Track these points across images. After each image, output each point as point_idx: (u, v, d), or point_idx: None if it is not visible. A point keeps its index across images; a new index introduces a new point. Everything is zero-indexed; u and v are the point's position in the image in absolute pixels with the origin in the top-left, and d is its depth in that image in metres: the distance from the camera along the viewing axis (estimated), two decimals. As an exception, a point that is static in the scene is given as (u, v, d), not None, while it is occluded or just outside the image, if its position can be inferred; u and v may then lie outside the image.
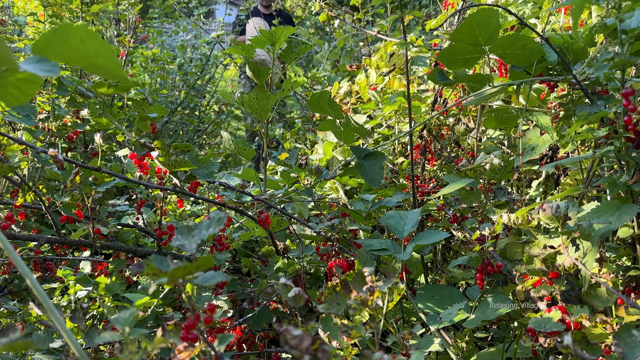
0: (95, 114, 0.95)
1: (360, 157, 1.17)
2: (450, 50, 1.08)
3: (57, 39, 0.48)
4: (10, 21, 3.68)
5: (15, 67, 0.48)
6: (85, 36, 0.48)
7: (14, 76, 0.51)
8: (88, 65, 0.51)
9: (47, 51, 0.49)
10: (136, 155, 0.87)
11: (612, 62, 0.73)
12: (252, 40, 1.17)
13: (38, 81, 0.54)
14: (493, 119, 1.22)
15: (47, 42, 0.48)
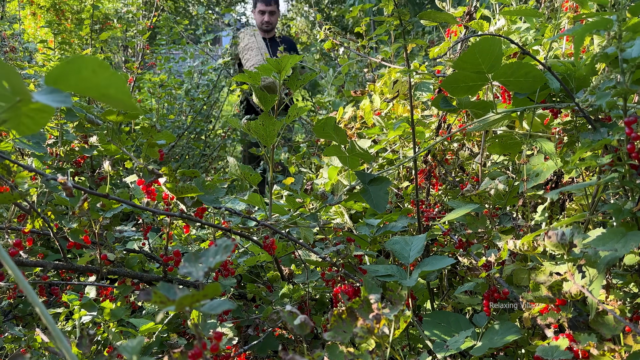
0: (104, 141, 0.97)
1: (365, 182, 1.18)
2: (453, 77, 1.09)
3: (69, 70, 0.50)
4: (21, 48, 3.75)
5: (29, 97, 0.49)
6: (97, 67, 0.50)
7: (27, 106, 0.53)
8: (99, 95, 0.53)
9: (60, 82, 0.50)
10: (144, 181, 0.89)
11: (614, 91, 0.74)
12: (258, 68, 1.19)
13: (50, 111, 0.55)
14: (497, 144, 1.23)
15: (60, 73, 0.50)
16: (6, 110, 0.52)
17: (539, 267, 0.96)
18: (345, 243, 1.19)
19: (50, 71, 0.51)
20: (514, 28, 1.36)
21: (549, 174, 1.01)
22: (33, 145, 0.87)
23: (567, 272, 0.84)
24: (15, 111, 0.53)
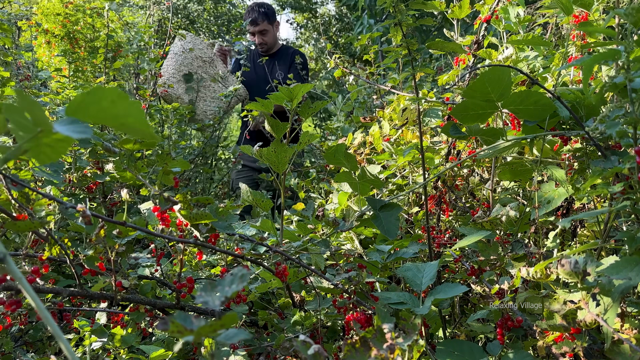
0: (120, 169, 0.98)
1: (376, 208, 1.18)
2: (463, 106, 1.11)
3: (89, 100, 0.51)
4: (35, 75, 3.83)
5: (50, 128, 0.51)
6: (116, 98, 0.51)
7: (48, 137, 0.54)
8: (118, 125, 0.54)
9: (80, 112, 0.52)
10: (160, 209, 0.90)
11: (624, 120, 0.75)
12: (271, 96, 1.21)
13: (70, 141, 0.56)
14: (508, 171, 1.24)
15: (80, 104, 0.51)
16: (28, 141, 0.53)
17: (553, 295, 0.96)
18: (357, 270, 1.19)
19: (71, 102, 0.52)
20: (522, 56, 1.38)
21: (560, 201, 1.02)
22: (51, 173, 0.89)
23: (581, 300, 0.84)
24: (36, 141, 0.54)
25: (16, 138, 0.54)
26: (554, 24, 1.94)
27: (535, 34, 1.87)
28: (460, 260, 1.31)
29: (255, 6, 3.62)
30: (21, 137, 0.52)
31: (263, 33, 3.60)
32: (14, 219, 0.82)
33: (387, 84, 1.63)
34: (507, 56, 1.33)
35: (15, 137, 0.55)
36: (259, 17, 3.55)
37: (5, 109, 0.51)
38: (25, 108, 0.51)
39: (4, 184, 0.78)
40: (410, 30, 1.37)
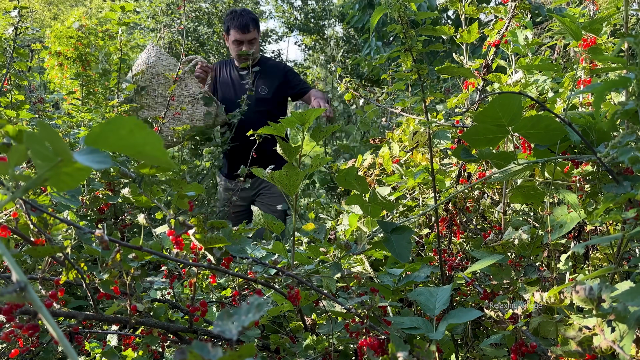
0: (135, 192, 1.00)
1: (387, 231, 1.19)
2: (474, 130, 1.12)
3: (108, 130, 0.52)
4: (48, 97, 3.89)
5: (70, 158, 0.52)
6: (134, 127, 0.52)
7: (67, 166, 0.55)
8: (136, 153, 0.55)
9: (99, 142, 0.53)
10: (174, 232, 0.91)
11: (636, 146, 0.75)
12: (283, 120, 1.22)
13: (88, 170, 0.58)
14: (519, 194, 1.24)
15: (99, 134, 0.52)
16: (48, 170, 0.55)
17: (567, 320, 0.95)
18: (369, 293, 1.19)
19: (90, 132, 0.53)
20: (532, 80, 1.39)
21: (572, 225, 1.02)
22: (69, 198, 0.90)
23: (597, 326, 0.83)
24: (56, 170, 0.55)
25: (36, 166, 0.55)
26: (561, 46, 1.95)
27: (544, 56, 1.89)
28: (473, 283, 1.31)
29: (243, 12, 3.14)
30: (40, 165, 0.54)
31: (252, 42, 3.12)
32: (32, 243, 0.83)
33: (397, 107, 1.65)
34: (517, 80, 1.34)
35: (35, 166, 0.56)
36: (250, 24, 3.07)
37: (27, 139, 0.53)
38: (46, 138, 0.52)
39: (23, 210, 0.79)
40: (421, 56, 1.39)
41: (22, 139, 0.70)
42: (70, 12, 12.12)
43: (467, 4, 1.40)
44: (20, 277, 0.41)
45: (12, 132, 0.66)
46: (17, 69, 2.50)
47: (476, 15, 1.41)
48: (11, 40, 2.41)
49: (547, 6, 5.79)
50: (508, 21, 1.32)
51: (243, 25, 3.05)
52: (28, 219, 0.79)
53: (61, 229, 0.87)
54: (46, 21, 14.46)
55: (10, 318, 0.70)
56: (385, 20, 5.57)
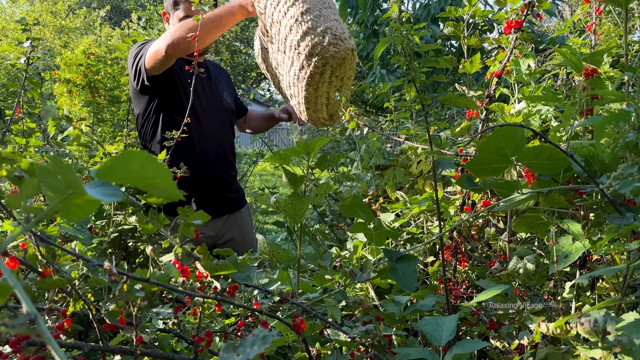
0: (142, 221, 1.01)
1: (392, 260, 1.19)
2: (477, 160, 1.13)
3: (119, 163, 0.54)
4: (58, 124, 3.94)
5: (81, 191, 0.53)
6: (145, 161, 0.54)
7: (78, 199, 0.56)
8: (146, 186, 0.57)
9: (110, 175, 0.54)
10: (182, 263, 0.92)
11: (637, 178, 0.76)
12: (288, 150, 1.24)
13: (99, 201, 0.59)
14: (523, 223, 1.24)
15: (110, 167, 0.54)
16: (60, 202, 0.56)
17: (573, 351, 0.94)
18: (374, 322, 1.19)
19: (101, 166, 0.55)
20: (535, 110, 1.41)
21: (577, 256, 1.02)
22: (77, 229, 0.92)
23: (602, 358, 0.83)
24: (68, 202, 0.57)
25: (47, 198, 0.57)
26: (564, 74, 1.98)
27: (546, 84, 1.91)
28: (479, 313, 1.30)
29: None
30: (51, 197, 0.55)
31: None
32: (40, 274, 0.84)
33: (401, 135, 1.66)
34: (519, 110, 1.36)
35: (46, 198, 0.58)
36: None
37: (39, 172, 0.54)
38: (59, 172, 0.54)
39: (32, 241, 0.80)
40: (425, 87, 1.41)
41: (34, 173, 0.72)
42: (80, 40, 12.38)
43: (470, 36, 1.43)
44: (31, 309, 0.42)
45: (24, 166, 0.67)
46: (30, 97, 2.55)
47: (478, 46, 1.44)
48: (23, 69, 2.46)
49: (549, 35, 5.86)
50: (510, 52, 1.34)
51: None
52: (37, 250, 0.80)
53: (69, 259, 0.89)
54: (56, 49, 14.76)
55: (16, 349, 0.70)
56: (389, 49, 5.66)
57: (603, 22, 2.16)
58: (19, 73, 2.59)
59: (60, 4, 16.12)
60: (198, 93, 2.20)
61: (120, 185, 0.58)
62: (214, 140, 2.20)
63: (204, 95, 2.26)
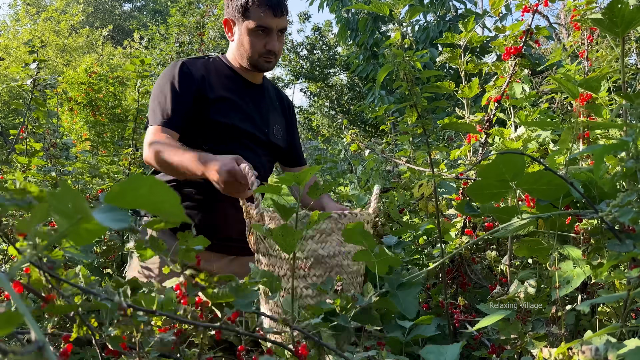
0: (141, 247, 1.02)
1: (393, 287, 1.19)
2: (478, 185, 1.14)
3: (128, 188, 0.55)
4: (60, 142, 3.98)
5: (89, 216, 0.54)
6: (153, 185, 0.55)
7: (86, 223, 0.57)
8: (154, 210, 0.57)
9: (119, 200, 0.55)
10: (179, 287, 0.92)
11: (636, 206, 0.77)
12: (279, 179, 1.19)
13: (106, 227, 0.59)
14: (524, 247, 1.24)
15: (119, 192, 0.55)
16: (69, 227, 0.57)
17: (576, 378, 0.94)
18: (376, 347, 1.18)
19: (110, 191, 0.56)
20: (534, 135, 1.42)
21: (579, 282, 1.02)
22: (81, 253, 0.92)
23: (606, 386, 0.83)
24: (76, 227, 0.58)
25: (56, 223, 0.58)
26: (561, 98, 2.00)
27: (542, 108, 1.93)
28: (481, 337, 1.30)
29: None
30: (60, 222, 0.56)
31: (282, 36, 1.84)
32: (44, 299, 0.85)
33: (401, 158, 1.68)
34: (519, 135, 1.37)
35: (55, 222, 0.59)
36: (283, 4, 1.81)
37: (49, 197, 0.55)
38: (69, 199, 0.55)
39: (38, 268, 0.81)
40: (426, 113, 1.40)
41: (43, 199, 0.73)
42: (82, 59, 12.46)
43: (466, 61, 1.45)
44: (40, 336, 0.43)
45: (35, 192, 0.68)
46: (34, 117, 2.57)
47: (475, 71, 1.46)
48: (29, 91, 2.49)
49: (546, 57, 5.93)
50: (509, 78, 1.36)
51: (276, 4, 1.76)
52: (42, 275, 0.81)
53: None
54: (59, 67, 14.89)
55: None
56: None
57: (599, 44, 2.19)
58: (23, 93, 2.62)
59: (63, 23, 16.32)
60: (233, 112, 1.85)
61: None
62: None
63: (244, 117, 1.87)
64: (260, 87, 1.98)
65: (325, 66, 13.92)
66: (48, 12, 16.40)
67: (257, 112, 1.91)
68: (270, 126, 1.95)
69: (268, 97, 2.01)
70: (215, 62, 1.92)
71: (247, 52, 1.83)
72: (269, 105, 1.99)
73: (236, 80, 1.91)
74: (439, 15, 7.27)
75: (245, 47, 1.83)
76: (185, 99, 1.76)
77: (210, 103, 1.79)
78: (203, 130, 1.79)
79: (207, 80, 1.82)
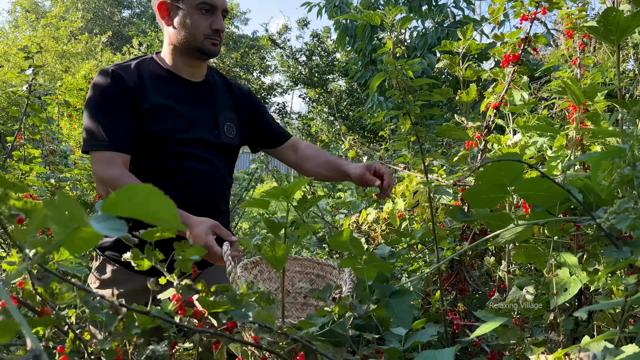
0: (138, 257, 1.01)
1: (386, 295, 1.18)
2: (475, 189, 1.14)
3: (124, 197, 0.55)
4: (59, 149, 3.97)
5: (86, 225, 0.54)
6: (149, 194, 0.55)
7: (82, 232, 0.57)
8: (150, 219, 0.57)
9: (115, 208, 0.55)
10: (177, 296, 0.92)
11: (634, 215, 0.77)
12: (266, 193, 1.17)
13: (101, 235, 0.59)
14: (522, 253, 1.24)
15: (116, 201, 0.54)
16: (66, 236, 0.56)
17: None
18: (374, 355, 1.18)
19: (106, 200, 0.55)
20: (531, 141, 1.42)
21: (577, 289, 1.02)
22: (75, 266, 0.92)
23: (604, 394, 0.82)
24: (72, 236, 0.57)
25: (53, 232, 0.57)
26: (559, 104, 2.00)
27: (541, 114, 1.93)
28: (480, 343, 1.30)
29: None
30: (57, 231, 0.56)
31: (224, 15, 1.70)
32: (37, 313, 0.84)
33: (400, 165, 1.68)
34: (516, 142, 1.37)
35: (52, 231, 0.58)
36: None
37: (46, 206, 0.55)
38: (66, 207, 0.54)
39: (29, 280, 0.80)
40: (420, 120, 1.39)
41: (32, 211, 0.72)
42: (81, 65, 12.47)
43: (465, 68, 1.46)
44: (36, 345, 0.42)
45: (20, 205, 0.68)
46: (31, 124, 2.57)
47: (473, 78, 1.46)
48: (25, 96, 2.49)
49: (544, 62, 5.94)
50: (507, 85, 1.36)
51: None
52: (33, 289, 0.80)
53: (67, 298, 0.88)
54: (58, 74, 14.91)
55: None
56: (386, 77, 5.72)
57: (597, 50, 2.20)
58: (19, 99, 2.62)
59: (62, 29, 16.36)
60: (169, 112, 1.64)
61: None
62: (197, 184, 1.66)
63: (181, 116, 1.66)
64: (203, 85, 1.76)
65: (324, 72, 13.95)
66: (47, 18, 16.45)
67: (202, 114, 1.70)
68: (220, 125, 1.74)
69: (214, 94, 1.78)
70: (148, 64, 1.69)
71: (191, 34, 1.62)
72: (217, 102, 1.77)
73: (173, 83, 1.69)
74: (437, 22, 7.30)
75: (189, 28, 1.62)
76: (126, 114, 1.56)
77: (145, 114, 1.58)
78: (142, 146, 1.58)
79: (141, 88, 1.60)
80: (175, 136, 1.61)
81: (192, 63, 1.70)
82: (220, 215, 1.71)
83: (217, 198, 1.73)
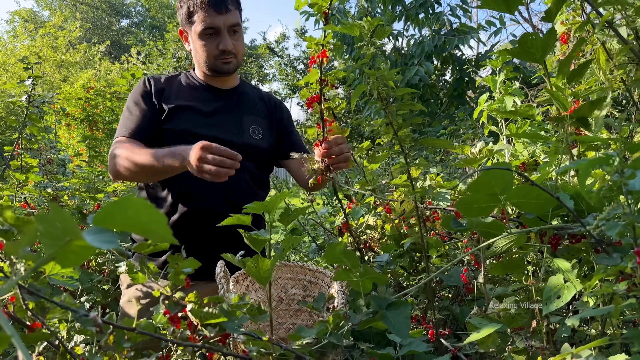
0: (132, 270, 1.01)
1: (382, 307, 1.17)
2: (467, 199, 1.14)
3: (116, 210, 0.55)
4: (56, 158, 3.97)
5: (79, 238, 0.54)
6: (141, 207, 0.55)
7: (75, 244, 0.57)
8: (142, 231, 0.57)
9: (107, 221, 0.55)
10: (170, 312, 0.92)
11: (623, 223, 0.77)
12: (247, 208, 1.14)
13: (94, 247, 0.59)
14: (499, 265, 1.22)
15: (107, 214, 0.55)
16: (58, 249, 0.56)
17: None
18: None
19: (98, 212, 0.55)
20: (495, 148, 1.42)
21: (570, 296, 1.01)
22: (66, 280, 0.92)
23: (596, 403, 0.82)
24: (65, 248, 0.57)
25: (44, 245, 0.57)
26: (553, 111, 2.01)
27: (535, 121, 1.94)
28: (456, 352, 1.29)
29: None
30: (48, 244, 0.56)
31: (236, 32, 1.79)
32: (28, 328, 0.84)
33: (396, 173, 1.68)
34: (480, 149, 1.37)
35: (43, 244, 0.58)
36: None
37: (38, 220, 0.55)
38: (58, 220, 0.54)
39: (19, 295, 0.80)
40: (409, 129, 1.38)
41: (21, 225, 0.72)
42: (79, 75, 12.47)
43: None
44: (28, 358, 0.42)
45: (10, 219, 0.68)
46: (29, 133, 2.57)
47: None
48: (24, 107, 2.49)
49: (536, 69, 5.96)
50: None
51: (218, 1, 1.73)
52: (23, 304, 0.80)
53: (57, 313, 0.88)
54: (56, 83, 14.94)
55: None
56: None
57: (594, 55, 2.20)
58: (18, 109, 2.62)
59: (61, 39, 16.41)
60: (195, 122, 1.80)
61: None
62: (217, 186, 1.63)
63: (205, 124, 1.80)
64: (233, 92, 1.94)
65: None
66: (46, 28, 16.51)
67: (226, 117, 1.85)
68: (244, 128, 1.86)
69: (241, 101, 1.93)
70: (182, 76, 1.94)
71: (202, 58, 1.82)
72: (244, 108, 1.91)
73: (201, 90, 1.89)
74: (434, 30, 7.33)
75: (200, 52, 1.81)
76: (147, 112, 1.78)
77: (168, 113, 1.79)
78: (166, 143, 1.69)
79: (166, 92, 1.84)
80: (196, 132, 1.74)
81: (215, 79, 1.91)
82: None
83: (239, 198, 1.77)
